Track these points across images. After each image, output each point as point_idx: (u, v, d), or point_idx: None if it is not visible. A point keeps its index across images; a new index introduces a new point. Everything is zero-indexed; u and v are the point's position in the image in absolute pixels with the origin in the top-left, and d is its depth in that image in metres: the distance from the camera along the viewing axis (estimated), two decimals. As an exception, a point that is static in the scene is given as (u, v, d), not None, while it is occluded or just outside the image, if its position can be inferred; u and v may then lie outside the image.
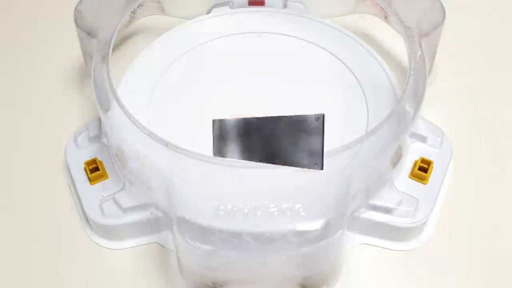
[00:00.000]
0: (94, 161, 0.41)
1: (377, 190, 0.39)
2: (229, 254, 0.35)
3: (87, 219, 0.40)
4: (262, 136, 0.42)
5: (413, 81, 0.39)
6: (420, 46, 0.41)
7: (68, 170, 0.42)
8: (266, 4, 0.50)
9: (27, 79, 0.49)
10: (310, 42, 0.47)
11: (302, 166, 0.36)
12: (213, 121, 0.43)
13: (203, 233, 0.35)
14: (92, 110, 0.46)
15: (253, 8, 0.50)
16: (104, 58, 0.40)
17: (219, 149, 0.40)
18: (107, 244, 0.40)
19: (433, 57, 0.44)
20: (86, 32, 0.43)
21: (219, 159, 0.36)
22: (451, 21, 0.43)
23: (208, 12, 0.50)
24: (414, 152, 0.42)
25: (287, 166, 0.36)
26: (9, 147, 0.45)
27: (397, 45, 0.45)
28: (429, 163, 0.41)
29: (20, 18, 0.53)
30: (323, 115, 0.43)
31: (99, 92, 0.39)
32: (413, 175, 0.41)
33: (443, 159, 0.42)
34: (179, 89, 0.45)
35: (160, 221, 0.39)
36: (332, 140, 0.41)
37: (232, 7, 0.50)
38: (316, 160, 0.36)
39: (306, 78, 0.45)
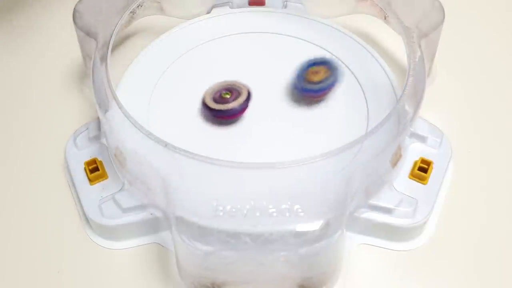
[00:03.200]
0: (94, 161, 0.41)
1: (377, 190, 0.39)
2: (227, 254, 0.35)
3: (87, 219, 0.40)
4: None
5: (413, 82, 0.39)
6: (420, 46, 0.41)
7: (68, 170, 0.42)
8: (266, 4, 0.50)
9: (27, 79, 0.49)
10: (310, 42, 0.47)
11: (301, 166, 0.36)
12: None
13: (201, 233, 0.35)
14: (92, 110, 0.46)
15: (253, 8, 0.50)
16: (103, 58, 0.40)
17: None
18: (107, 244, 0.40)
19: (432, 57, 0.44)
20: (85, 32, 0.43)
21: (218, 159, 0.35)
22: (450, 22, 0.43)
23: (208, 12, 0.50)
24: (413, 153, 0.42)
25: (286, 167, 0.36)
26: (9, 147, 0.45)
27: (397, 45, 0.45)
28: (428, 163, 0.41)
29: (19, 18, 0.53)
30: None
31: (98, 93, 0.39)
32: (412, 176, 0.41)
33: (443, 159, 0.42)
34: (178, 89, 0.45)
35: (160, 221, 0.39)
36: (332, 140, 0.41)
37: (232, 7, 0.50)
38: (316, 160, 0.36)
39: (305, 78, 0.45)
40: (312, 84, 0.43)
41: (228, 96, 0.42)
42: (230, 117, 0.42)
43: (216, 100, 0.42)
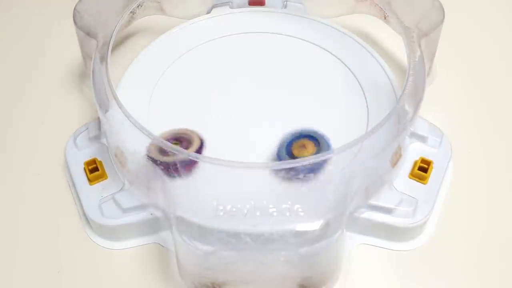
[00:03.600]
0: (93, 161, 0.41)
1: (377, 190, 0.39)
2: (228, 254, 0.35)
3: (87, 219, 0.40)
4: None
5: (413, 82, 0.39)
6: (420, 46, 0.41)
7: (68, 170, 0.42)
8: (266, 4, 0.50)
9: (26, 79, 0.49)
10: (310, 42, 0.47)
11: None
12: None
13: (202, 233, 0.35)
14: (92, 110, 0.46)
15: (253, 8, 0.50)
16: (103, 58, 0.40)
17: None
18: (107, 244, 0.40)
19: (432, 57, 0.44)
20: (85, 32, 0.43)
21: (218, 159, 0.36)
22: (450, 21, 0.43)
23: (208, 12, 0.50)
24: (413, 152, 0.42)
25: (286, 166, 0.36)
26: (8, 147, 0.45)
27: (397, 45, 0.45)
28: (428, 163, 0.41)
29: (20, 18, 0.53)
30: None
31: (98, 93, 0.39)
32: (412, 175, 0.41)
33: (443, 159, 0.42)
34: (178, 89, 0.45)
35: (160, 221, 0.39)
36: (332, 140, 0.41)
37: (232, 7, 0.50)
38: (316, 160, 0.36)
39: (306, 78, 0.45)
40: None
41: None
42: (179, 170, 0.36)
43: (162, 152, 0.36)
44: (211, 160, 0.36)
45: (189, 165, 0.36)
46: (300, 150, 0.39)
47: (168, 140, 0.38)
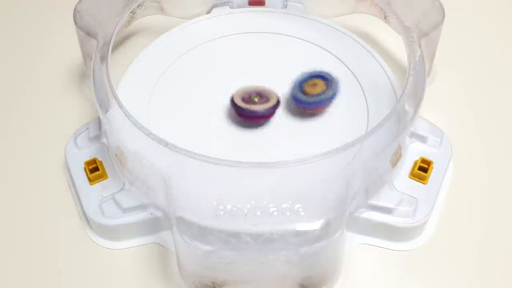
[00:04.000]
0: (94, 161, 0.41)
1: (377, 190, 0.39)
2: (228, 254, 0.35)
3: (87, 219, 0.40)
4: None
5: (413, 81, 0.39)
6: (420, 46, 0.41)
7: (68, 170, 0.42)
8: (266, 4, 0.50)
9: (27, 79, 0.49)
10: (310, 42, 0.47)
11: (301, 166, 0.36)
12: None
13: (202, 233, 0.35)
14: (92, 110, 0.46)
15: (253, 8, 0.50)
16: (104, 58, 0.40)
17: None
18: (107, 244, 0.40)
19: (432, 57, 0.44)
20: (86, 32, 0.43)
21: (218, 159, 0.36)
22: (451, 21, 0.43)
23: (208, 12, 0.50)
24: (414, 152, 0.42)
25: (286, 166, 0.36)
26: (9, 147, 0.45)
27: (397, 45, 0.45)
28: (429, 163, 0.41)
29: (20, 18, 0.53)
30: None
31: (98, 93, 0.39)
32: (413, 175, 0.41)
33: (443, 159, 0.42)
34: (179, 89, 0.45)
35: (160, 221, 0.39)
36: (332, 140, 0.41)
37: (232, 7, 0.50)
38: (316, 160, 0.36)
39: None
40: (309, 96, 0.42)
41: (256, 100, 0.42)
42: (253, 119, 0.42)
43: (244, 100, 0.42)
44: (212, 160, 0.36)
45: (267, 115, 0.42)
46: (312, 87, 0.42)
47: (250, 93, 0.42)
